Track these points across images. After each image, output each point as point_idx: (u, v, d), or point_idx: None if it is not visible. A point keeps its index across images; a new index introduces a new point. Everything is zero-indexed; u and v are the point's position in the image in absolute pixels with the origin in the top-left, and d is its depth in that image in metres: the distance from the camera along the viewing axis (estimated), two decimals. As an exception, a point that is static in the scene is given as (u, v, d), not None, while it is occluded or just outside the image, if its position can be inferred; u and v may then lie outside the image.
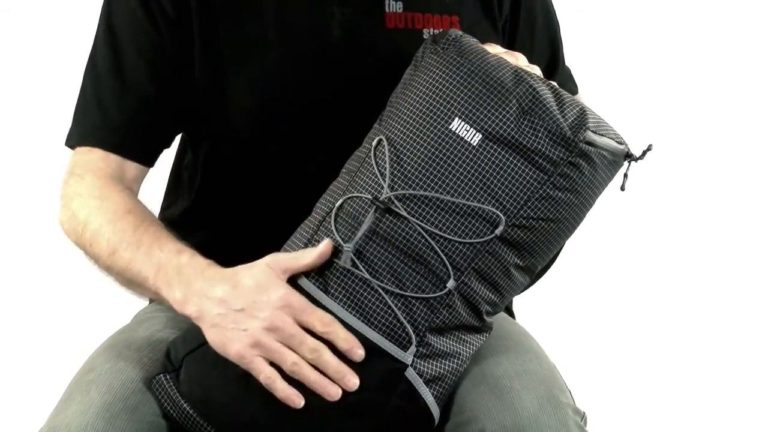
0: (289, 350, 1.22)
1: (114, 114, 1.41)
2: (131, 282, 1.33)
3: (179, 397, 1.27)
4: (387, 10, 1.40)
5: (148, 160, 1.45)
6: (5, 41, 2.61)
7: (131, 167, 1.43)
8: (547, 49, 1.58)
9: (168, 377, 1.28)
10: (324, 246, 1.25)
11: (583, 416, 1.29)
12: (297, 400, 1.22)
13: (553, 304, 2.49)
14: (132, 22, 1.41)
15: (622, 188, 1.32)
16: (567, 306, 2.64)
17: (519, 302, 1.55)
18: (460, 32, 1.32)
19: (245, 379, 1.24)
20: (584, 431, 1.28)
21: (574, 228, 1.32)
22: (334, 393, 1.22)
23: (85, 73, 1.45)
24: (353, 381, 1.22)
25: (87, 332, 1.59)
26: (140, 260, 1.30)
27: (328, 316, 1.23)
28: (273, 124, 1.40)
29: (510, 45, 1.50)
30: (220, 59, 1.39)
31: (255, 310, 1.22)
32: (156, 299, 1.35)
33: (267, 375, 1.22)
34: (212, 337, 1.25)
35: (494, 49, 1.33)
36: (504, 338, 1.37)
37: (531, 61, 1.47)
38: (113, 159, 1.42)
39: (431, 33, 1.41)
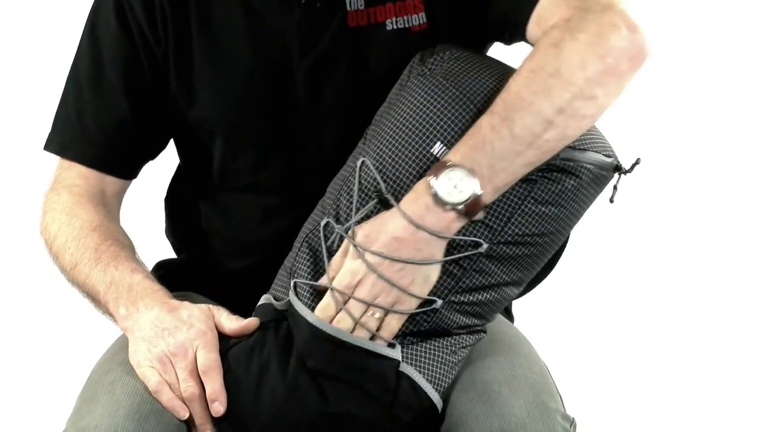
0: (177, 384, 1.26)
1: (93, 129, 1.44)
2: (88, 295, 1.38)
3: None
4: (349, 8, 1.38)
5: (128, 174, 1.48)
6: (4, 41, 2.62)
7: (111, 182, 1.46)
8: None
9: None
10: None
11: (572, 422, 1.28)
12: (182, 411, 1.25)
13: (553, 308, 2.48)
14: (110, 36, 1.42)
15: (611, 200, 1.32)
16: (568, 311, 2.63)
17: (519, 305, 1.54)
18: (449, 50, 1.32)
19: (259, 381, 1.26)
20: None
21: (563, 238, 1.32)
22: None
23: (68, 79, 1.47)
24: None
25: (92, 334, 1.60)
26: (95, 276, 1.36)
27: (215, 362, 1.26)
28: (244, 136, 1.41)
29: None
30: (192, 71, 1.40)
31: (175, 331, 1.27)
32: (107, 316, 1.38)
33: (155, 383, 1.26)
34: (130, 348, 1.30)
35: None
36: (496, 342, 1.37)
37: None
38: (92, 175, 1.45)
39: (394, 22, 1.39)
